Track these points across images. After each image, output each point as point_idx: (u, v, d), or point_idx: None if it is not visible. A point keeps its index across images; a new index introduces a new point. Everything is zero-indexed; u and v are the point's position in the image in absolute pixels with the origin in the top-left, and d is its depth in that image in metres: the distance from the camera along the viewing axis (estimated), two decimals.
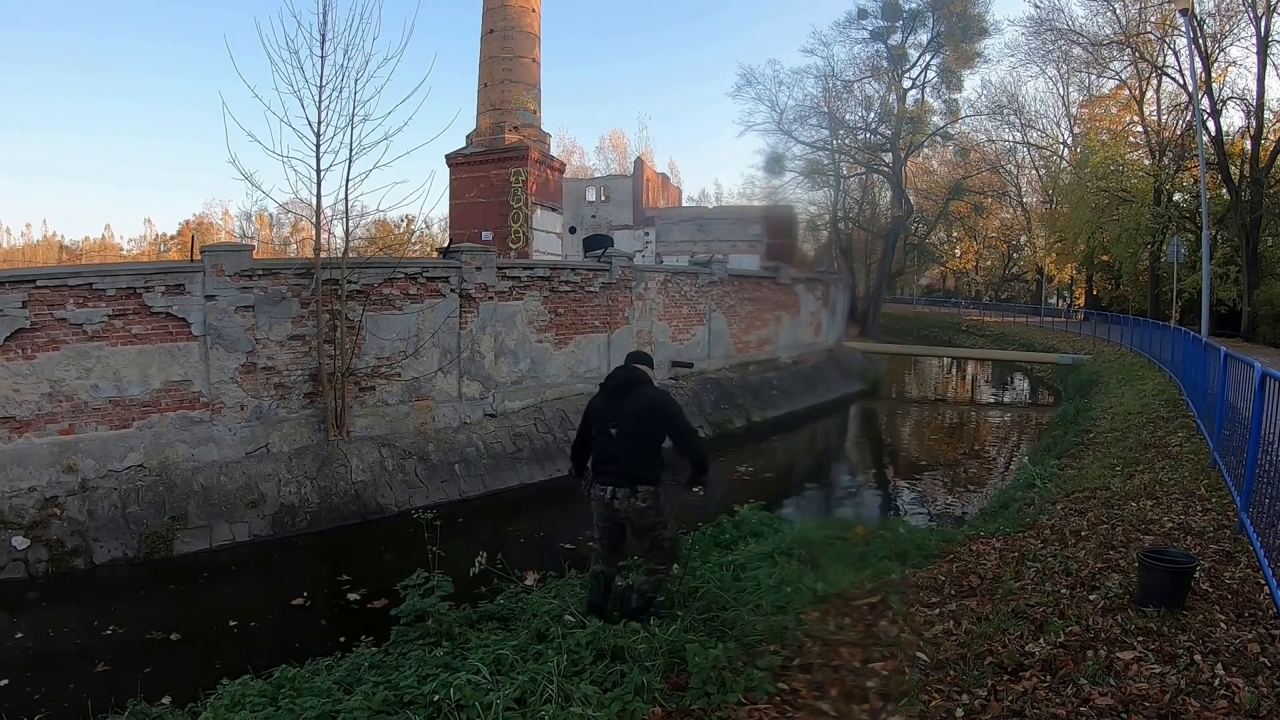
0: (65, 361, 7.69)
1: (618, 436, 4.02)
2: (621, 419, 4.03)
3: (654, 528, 4.04)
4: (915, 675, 3.09)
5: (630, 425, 4.00)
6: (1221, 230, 25.28)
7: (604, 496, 4.02)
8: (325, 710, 3.19)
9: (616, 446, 4.01)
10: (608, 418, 4.10)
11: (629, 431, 3.99)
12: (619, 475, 3.99)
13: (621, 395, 4.10)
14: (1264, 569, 3.99)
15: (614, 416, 4.06)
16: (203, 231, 59.76)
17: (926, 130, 34.14)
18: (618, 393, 4.12)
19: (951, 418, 19.17)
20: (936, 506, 9.83)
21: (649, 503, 3.98)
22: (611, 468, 4.03)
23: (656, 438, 4.05)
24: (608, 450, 4.05)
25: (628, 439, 3.99)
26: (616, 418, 4.04)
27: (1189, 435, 8.65)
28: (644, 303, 14.39)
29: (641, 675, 3.18)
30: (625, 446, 3.99)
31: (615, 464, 4.01)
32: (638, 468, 3.99)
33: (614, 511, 4.03)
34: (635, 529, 4.07)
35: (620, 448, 4.00)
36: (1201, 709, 2.73)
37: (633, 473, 3.98)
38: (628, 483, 3.97)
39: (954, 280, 58.50)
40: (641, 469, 3.99)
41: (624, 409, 4.05)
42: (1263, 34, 21.61)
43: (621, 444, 4.00)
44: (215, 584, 7.10)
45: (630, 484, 3.96)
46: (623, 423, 4.01)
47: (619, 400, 4.09)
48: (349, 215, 9.82)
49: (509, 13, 25.25)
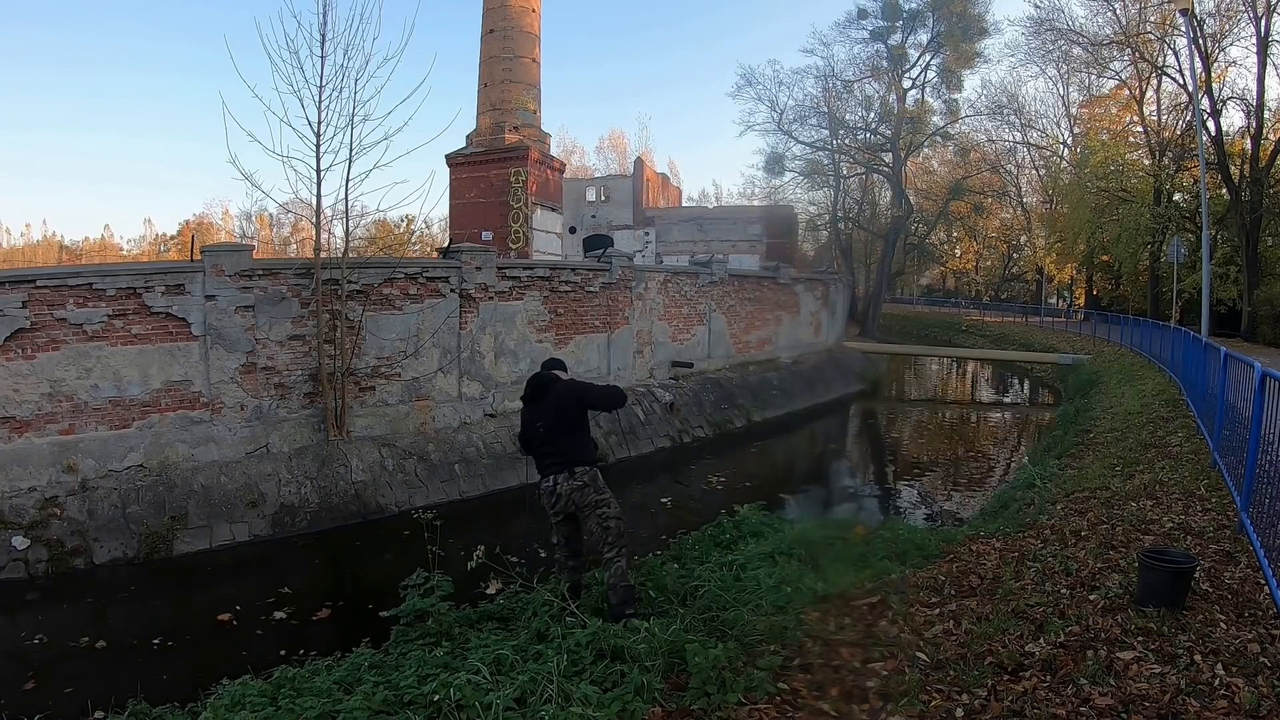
0: (65, 361, 7.69)
1: (546, 430, 4.45)
2: (545, 414, 4.47)
3: (597, 505, 4.39)
4: (915, 675, 3.09)
5: (554, 417, 4.45)
6: (1221, 230, 25.27)
7: (549, 487, 4.42)
8: (325, 710, 3.19)
9: (547, 439, 4.44)
10: (535, 419, 4.53)
11: (554, 423, 4.44)
12: (556, 463, 4.41)
13: (541, 397, 4.56)
14: (1264, 569, 3.99)
15: (539, 416, 4.51)
16: (203, 231, 59.76)
17: (926, 130, 34.15)
18: (537, 397, 4.58)
19: (951, 418, 19.17)
20: (936, 506, 9.83)
21: (586, 480, 4.39)
22: (549, 460, 4.45)
23: (580, 420, 4.53)
24: (543, 447, 4.48)
25: (555, 429, 4.44)
26: (541, 416, 4.49)
27: (1189, 435, 8.65)
28: (644, 303, 14.39)
29: (641, 675, 3.18)
30: (554, 436, 4.43)
31: (550, 454, 4.44)
32: (569, 450, 4.43)
33: (559, 499, 4.40)
34: (581, 512, 4.42)
35: (550, 439, 4.44)
36: (1201, 709, 2.72)
37: (566, 456, 4.40)
38: (565, 466, 4.39)
39: (954, 280, 58.48)
40: (573, 451, 4.44)
41: (546, 406, 4.50)
42: (1263, 34, 21.61)
43: (550, 436, 4.44)
44: (215, 584, 7.10)
45: (567, 467, 4.39)
46: (547, 416, 4.46)
47: (540, 401, 4.55)
48: (349, 215, 9.84)
49: (509, 13, 25.25)
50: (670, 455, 12.53)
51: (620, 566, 4.30)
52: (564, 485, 4.38)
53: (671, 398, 13.62)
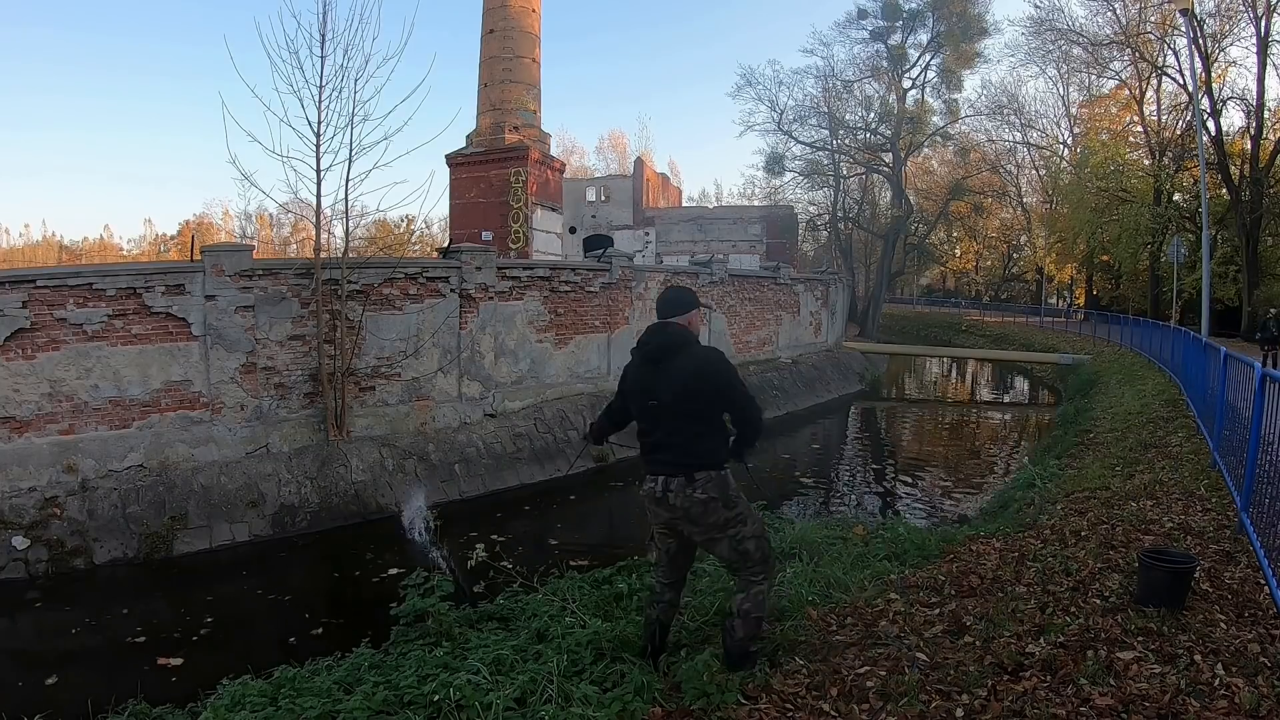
0: (65, 361, 7.69)
1: (662, 416, 3.16)
2: (668, 383, 3.13)
3: (728, 525, 3.15)
4: (915, 675, 3.09)
5: (681, 392, 3.12)
6: (1221, 230, 25.28)
7: (654, 490, 3.17)
8: (325, 710, 3.19)
9: (665, 423, 3.16)
10: (648, 392, 3.21)
11: (678, 401, 3.12)
12: (668, 462, 3.15)
13: (666, 358, 3.19)
14: (1264, 569, 3.99)
15: (654, 390, 3.18)
16: (203, 231, 59.80)
17: (926, 130, 34.20)
18: (664, 355, 3.20)
19: (951, 418, 19.16)
20: (936, 506, 9.83)
21: (713, 493, 3.10)
22: (659, 454, 3.18)
23: (714, 412, 3.21)
24: (653, 429, 3.21)
25: (677, 418, 3.14)
26: (662, 385, 3.15)
27: (1189, 435, 8.65)
28: (644, 303, 14.38)
29: (641, 675, 3.18)
30: (675, 421, 3.14)
31: (663, 446, 3.17)
32: (692, 445, 3.14)
33: (670, 510, 3.16)
34: (704, 532, 3.19)
35: (671, 424, 3.15)
36: (1201, 709, 2.72)
37: (686, 453, 3.13)
38: (683, 468, 3.12)
39: (954, 280, 58.49)
40: (697, 447, 3.14)
41: (669, 379, 3.14)
42: (1263, 34, 21.64)
43: (669, 424, 3.15)
44: (215, 584, 7.10)
45: (686, 470, 3.11)
46: (669, 388, 3.13)
47: (665, 363, 3.18)
48: (349, 215, 9.85)
49: (509, 13, 25.25)
50: None
51: (760, 596, 3.20)
52: (679, 497, 3.11)
53: None
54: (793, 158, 36.18)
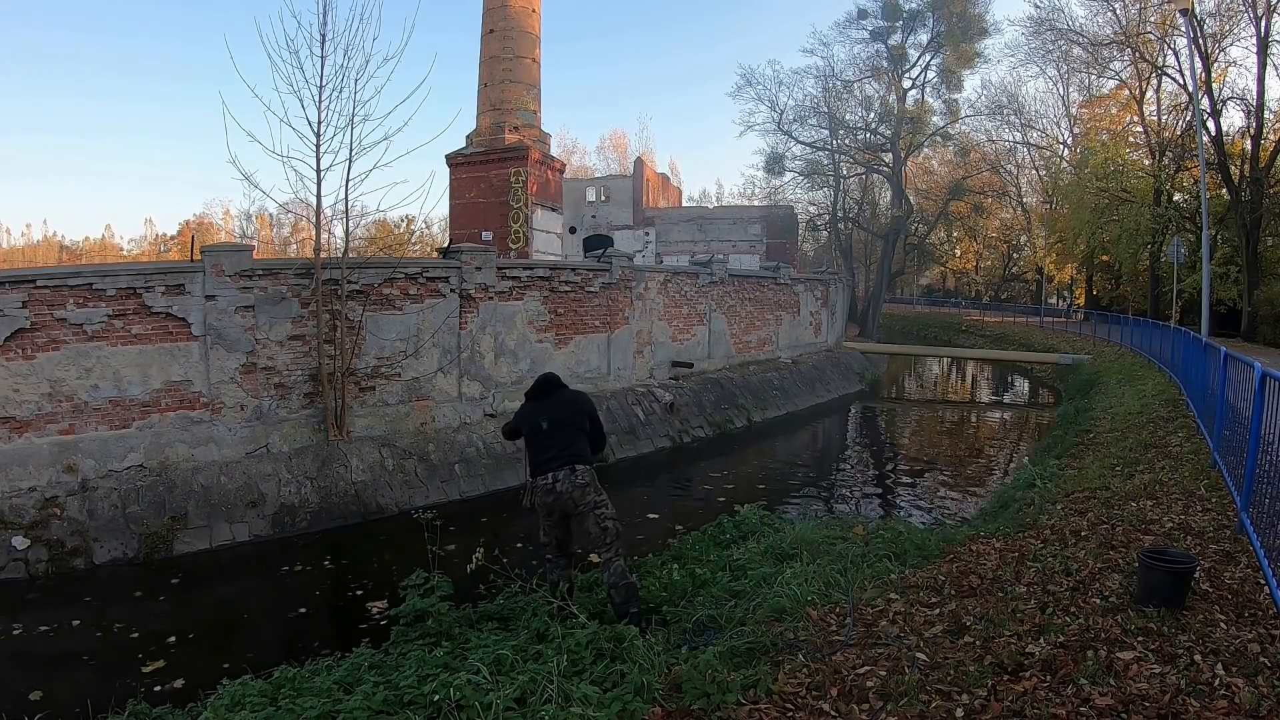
0: (65, 361, 7.69)
1: (550, 428, 4.50)
2: (553, 410, 4.58)
3: (596, 505, 4.41)
4: (915, 675, 3.09)
5: (562, 414, 4.56)
6: (1221, 230, 25.26)
7: (547, 484, 4.40)
8: (325, 710, 3.19)
9: (552, 436, 4.49)
10: (539, 415, 4.59)
11: (562, 420, 4.53)
12: (559, 459, 4.41)
13: (549, 394, 4.71)
14: (1264, 569, 3.99)
15: (545, 412, 4.58)
16: (203, 231, 59.82)
17: (926, 130, 34.19)
18: (544, 394, 4.72)
19: (951, 418, 19.16)
20: (936, 506, 9.82)
21: (588, 479, 4.41)
22: (549, 456, 4.45)
23: (583, 425, 4.62)
24: (544, 442, 4.51)
25: (562, 427, 4.51)
26: (548, 412, 4.57)
27: (1189, 435, 8.65)
28: (644, 303, 14.39)
29: (641, 675, 3.18)
30: (560, 433, 4.49)
31: (554, 450, 4.45)
32: (574, 449, 4.47)
33: (558, 497, 4.39)
34: (579, 511, 4.42)
35: (556, 436, 4.49)
36: (1201, 709, 2.72)
37: (571, 453, 4.43)
38: (568, 463, 4.39)
39: (954, 280, 58.47)
40: (578, 450, 4.49)
41: (554, 402, 4.64)
42: (1263, 34, 21.61)
43: (556, 432, 4.49)
44: (215, 584, 7.10)
45: (570, 464, 4.40)
46: (555, 413, 4.55)
47: (547, 399, 4.68)
48: (349, 215, 9.84)
49: (509, 13, 25.24)
50: (670, 455, 12.53)
51: (620, 566, 4.34)
52: (564, 483, 4.37)
53: (671, 398, 13.62)
54: (793, 158, 36.24)
